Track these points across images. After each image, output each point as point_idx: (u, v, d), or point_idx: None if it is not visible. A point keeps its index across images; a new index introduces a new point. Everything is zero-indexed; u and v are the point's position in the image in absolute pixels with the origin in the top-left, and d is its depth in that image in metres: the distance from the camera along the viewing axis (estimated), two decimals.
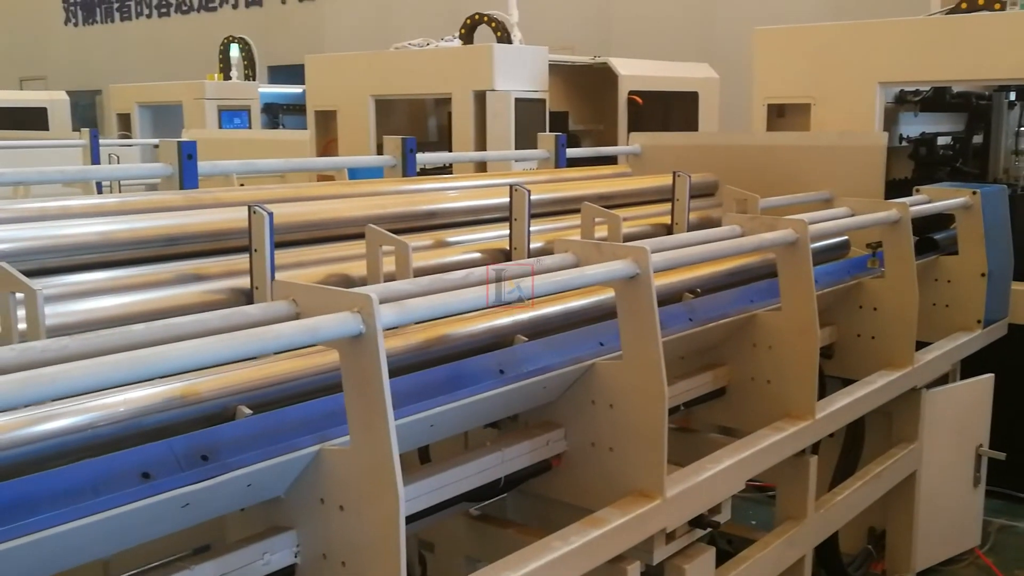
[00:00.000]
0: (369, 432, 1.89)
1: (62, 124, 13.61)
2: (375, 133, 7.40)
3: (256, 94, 10.37)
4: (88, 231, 2.66)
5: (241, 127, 10.08)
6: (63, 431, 1.92)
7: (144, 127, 10.70)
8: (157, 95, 10.86)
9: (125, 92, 11.10)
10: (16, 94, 15.74)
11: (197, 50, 16.60)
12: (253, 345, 1.78)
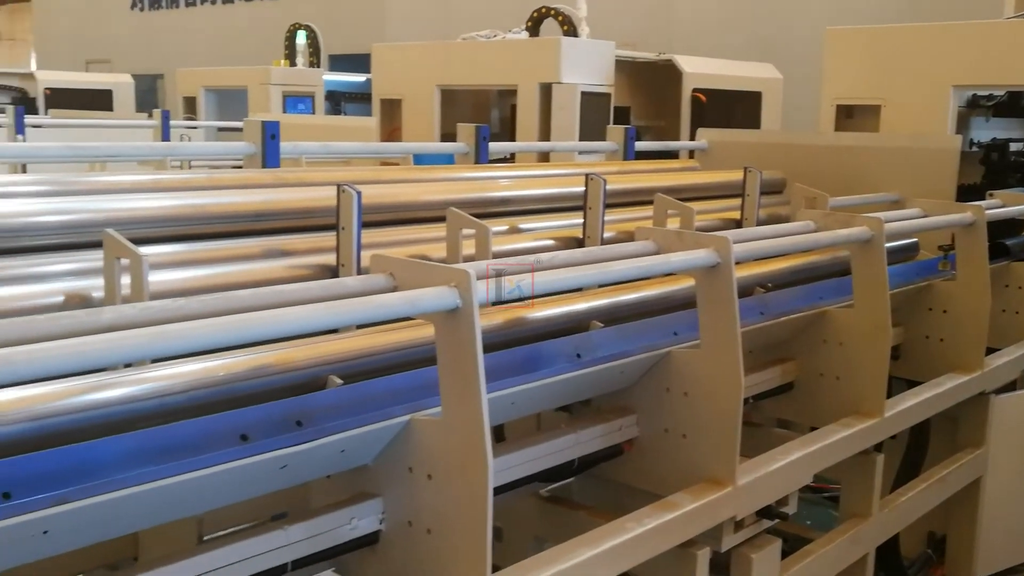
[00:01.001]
0: (461, 404, 1.94)
1: (126, 106, 13.90)
2: (439, 122, 7.47)
3: (320, 81, 10.51)
4: (184, 203, 2.75)
5: (305, 113, 10.22)
6: (166, 391, 2.01)
7: (208, 111, 10.89)
8: (224, 79, 11.05)
9: (192, 76, 11.30)
10: (83, 76, 16.07)
11: (259, 37, 16.84)
12: (357, 313, 1.85)
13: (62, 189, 2.76)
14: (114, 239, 2.20)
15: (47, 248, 2.57)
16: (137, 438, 1.83)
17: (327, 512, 2.08)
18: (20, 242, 2.54)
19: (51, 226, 2.57)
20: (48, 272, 2.46)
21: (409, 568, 2.11)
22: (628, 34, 11.57)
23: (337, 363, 2.31)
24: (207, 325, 1.58)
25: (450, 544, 2.02)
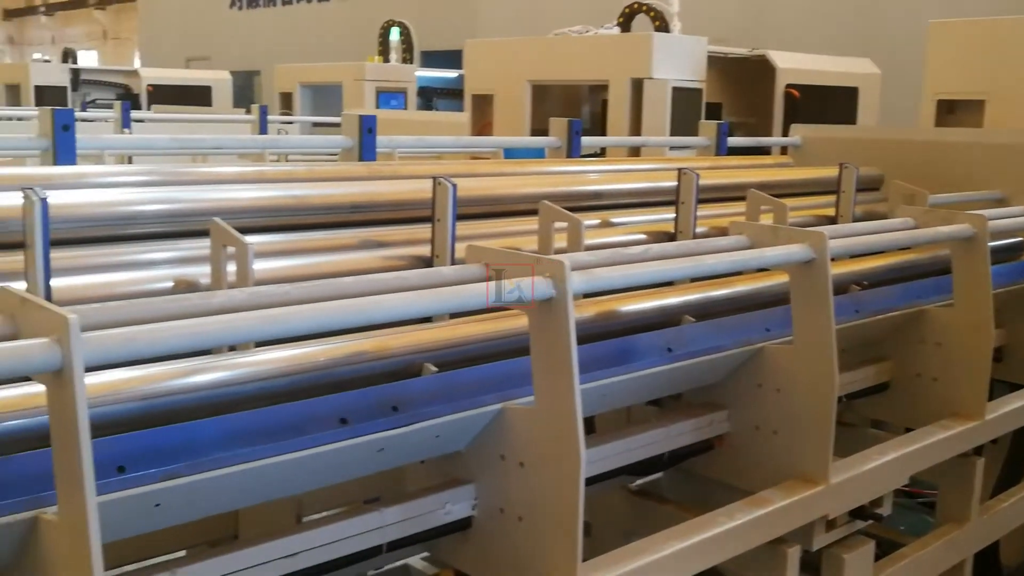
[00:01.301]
0: (554, 394, 1.97)
1: (224, 101, 14.30)
2: (530, 118, 7.50)
3: (413, 77, 10.65)
4: (286, 194, 2.83)
5: (397, 108, 10.37)
6: (269, 375, 2.08)
7: (304, 106, 11.12)
8: (319, 75, 11.28)
9: (289, 72, 11.56)
10: (184, 73, 16.57)
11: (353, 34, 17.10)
12: (453, 301, 1.89)
13: (170, 180, 2.87)
14: (221, 228, 2.28)
15: (156, 236, 2.67)
16: (242, 419, 1.90)
17: (421, 496, 2.13)
18: (130, 230, 2.64)
19: (160, 214, 2.67)
20: (157, 259, 2.55)
21: (500, 555, 2.15)
22: (720, 29, 11.45)
23: (431, 351, 2.36)
24: (313, 310, 1.64)
25: (541, 532, 2.04)
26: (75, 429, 1.33)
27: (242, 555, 1.84)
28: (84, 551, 1.35)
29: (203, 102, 14.02)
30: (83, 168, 2.90)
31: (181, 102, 12.63)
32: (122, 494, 1.56)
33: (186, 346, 1.50)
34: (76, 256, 2.44)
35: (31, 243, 2.06)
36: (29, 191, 2.04)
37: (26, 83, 14.09)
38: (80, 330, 1.33)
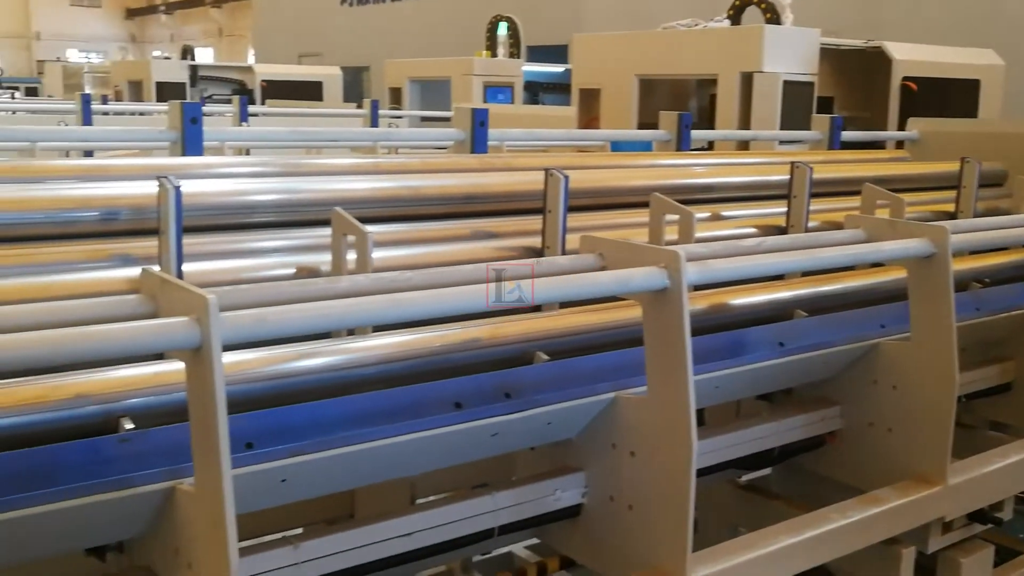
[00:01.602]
0: (667, 384, 1.97)
1: (334, 96, 14.61)
2: (637, 112, 7.47)
3: (520, 72, 10.71)
4: (401, 185, 2.89)
5: (504, 103, 10.45)
6: (387, 358, 2.14)
7: (412, 101, 11.29)
8: (428, 70, 11.44)
9: (399, 67, 11.75)
10: (296, 69, 16.99)
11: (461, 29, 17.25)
12: (568, 290, 1.91)
13: (290, 171, 2.97)
14: (342, 217, 2.35)
15: (277, 225, 2.76)
16: (362, 400, 1.96)
17: (532, 482, 2.16)
18: (253, 218, 2.74)
19: (281, 204, 2.76)
20: (280, 247, 2.64)
21: (610, 542, 2.16)
22: (834, 21, 11.18)
23: (543, 340, 2.38)
24: (434, 295, 1.68)
25: (651, 521, 2.05)
26: (213, 404, 1.40)
27: (360, 532, 1.90)
28: (220, 520, 1.42)
29: (314, 97, 14.34)
30: (209, 159, 3.02)
31: (293, 97, 12.95)
32: (251, 468, 1.64)
33: (315, 327, 1.56)
34: (203, 243, 2.54)
35: (165, 229, 2.16)
36: (164, 179, 2.14)
37: (148, 79, 14.67)
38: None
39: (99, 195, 2.41)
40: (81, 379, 1.82)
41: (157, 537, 1.64)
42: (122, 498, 1.58)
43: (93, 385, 1.81)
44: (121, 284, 2.20)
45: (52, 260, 2.21)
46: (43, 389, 1.78)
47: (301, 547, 1.81)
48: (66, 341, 1.32)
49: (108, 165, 2.76)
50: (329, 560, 1.85)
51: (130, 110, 10.70)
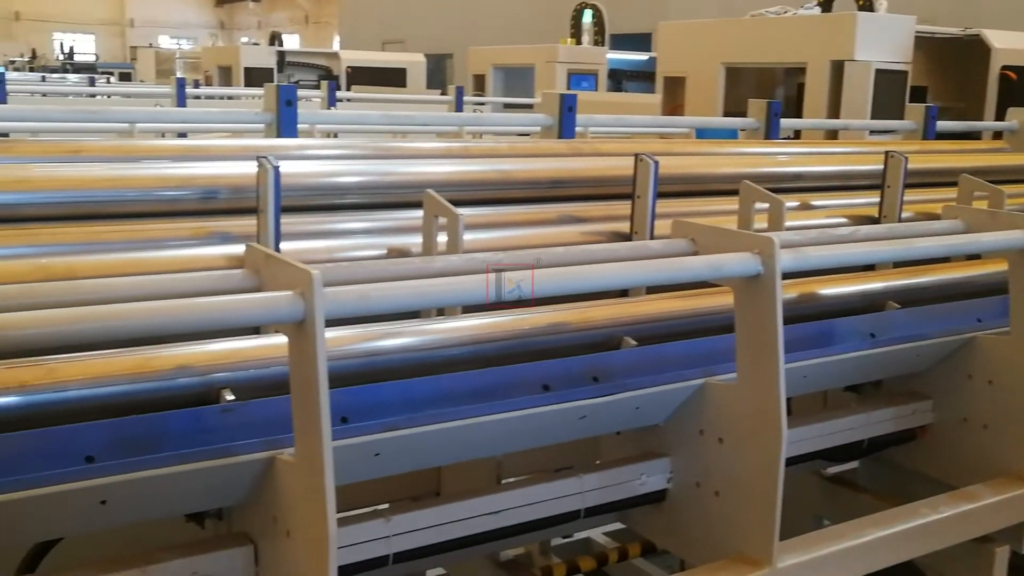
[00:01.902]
0: (758, 371, 1.96)
1: (417, 83, 14.73)
2: (723, 101, 7.39)
3: (604, 59, 10.67)
4: (492, 169, 2.91)
5: (588, 90, 10.42)
6: (478, 339, 2.16)
7: (495, 88, 11.33)
8: (512, 58, 11.46)
9: (483, 54, 11.80)
10: (381, 55, 17.17)
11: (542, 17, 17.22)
12: (661, 274, 1.91)
13: (381, 154, 3.01)
14: (434, 199, 2.38)
15: (368, 206, 2.81)
16: (453, 380, 1.99)
17: (619, 466, 2.17)
18: (346, 199, 2.80)
19: (373, 185, 2.80)
20: (371, 228, 2.68)
21: (695, 528, 2.16)
22: (929, 7, 10.88)
23: (631, 325, 2.38)
24: (528, 275, 1.70)
25: (738, 508, 2.04)
26: (314, 376, 1.44)
27: (450, 508, 1.93)
28: (319, 490, 1.46)
29: (398, 84, 14.50)
30: (304, 141, 3.08)
31: (377, 83, 13.12)
32: (348, 441, 1.67)
33: (413, 304, 1.59)
34: (297, 222, 2.59)
35: (264, 208, 2.22)
36: (263, 159, 2.20)
37: (237, 65, 14.99)
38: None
39: (200, 174, 2.49)
40: (183, 351, 1.89)
41: (256, 505, 1.69)
42: (223, 466, 1.63)
43: (195, 357, 1.87)
44: (220, 261, 2.26)
45: (156, 236, 2.28)
46: (147, 360, 1.85)
47: (393, 520, 1.85)
48: (178, 312, 1.37)
49: (208, 146, 2.84)
50: (419, 535, 1.89)
51: (220, 94, 10.95)
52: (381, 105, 8.20)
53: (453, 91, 7.45)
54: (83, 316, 1.28)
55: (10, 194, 2.28)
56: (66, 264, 2.12)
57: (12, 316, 1.23)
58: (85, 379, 1.72)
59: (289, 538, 1.59)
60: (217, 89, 12.06)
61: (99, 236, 2.28)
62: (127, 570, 1.62)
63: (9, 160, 2.48)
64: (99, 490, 1.55)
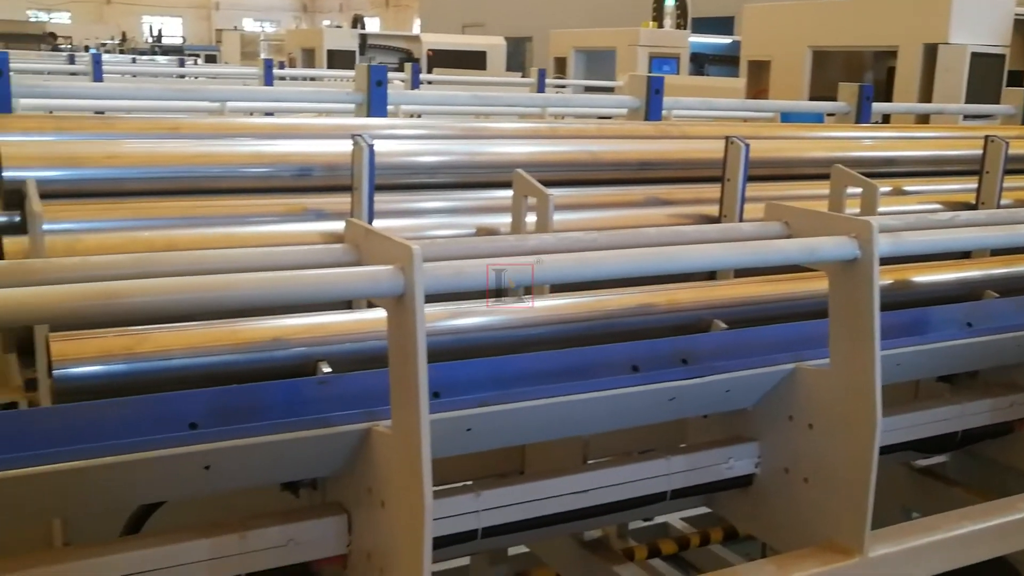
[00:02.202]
0: (852, 356, 1.93)
1: (497, 66, 14.74)
2: (808, 85, 7.25)
3: (686, 43, 10.55)
4: (580, 149, 2.91)
5: (670, 74, 10.32)
6: (565, 319, 2.17)
7: (576, 71, 11.29)
8: (594, 40, 11.40)
9: (564, 37, 11.76)
10: (461, 38, 17.22)
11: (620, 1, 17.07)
12: (754, 256, 1.89)
13: (469, 134, 3.03)
14: (524, 179, 2.39)
15: (455, 186, 2.83)
16: (543, 358, 2.00)
17: (706, 449, 2.16)
18: (435, 178, 2.82)
19: (461, 165, 2.83)
20: (459, 207, 2.71)
21: (782, 514, 2.14)
22: None
23: (720, 308, 2.37)
24: (623, 255, 1.70)
25: (828, 496, 2.02)
26: (413, 350, 1.46)
27: (539, 486, 1.95)
28: (416, 462, 1.48)
29: (478, 66, 14.54)
30: (394, 120, 3.12)
31: (457, 66, 13.17)
32: (443, 415, 1.70)
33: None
34: (388, 200, 2.63)
35: (358, 186, 2.25)
36: (359, 138, 2.23)
37: (320, 48, 15.18)
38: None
39: (295, 152, 2.53)
40: (281, 324, 1.93)
41: (351, 475, 1.72)
42: (321, 436, 1.66)
43: (293, 330, 1.91)
44: (314, 237, 2.31)
45: (252, 212, 2.34)
46: (247, 331, 1.90)
47: (482, 496, 1.87)
48: (285, 283, 1.40)
49: (301, 125, 2.89)
50: (507, 510, 1.91)
51: (303, 75, 11.11)
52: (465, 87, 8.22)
53: (534, 74, 7.45)
54: (196, 286, 1.32)
55: (114, 169, 2.35)
56: (167, 237, 2.19)
57: (129, 284, 1.27)
58: (188, 348, 1.77)
59: (384, 508, 1.62)
60: (301, 71, 12.24)
61: (197, 211, 2.34)
62: (227, 535, 1.67)
63: (112, 136, 2.56)
64: (202, 455, 1.60)
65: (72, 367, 1.76)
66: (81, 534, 1.88)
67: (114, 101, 4.13)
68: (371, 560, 1.69)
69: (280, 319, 1.95)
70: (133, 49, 25.97)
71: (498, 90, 8.18)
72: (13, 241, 1.97)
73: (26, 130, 2.38)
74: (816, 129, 3.97)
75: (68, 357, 1.75)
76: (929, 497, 2.72)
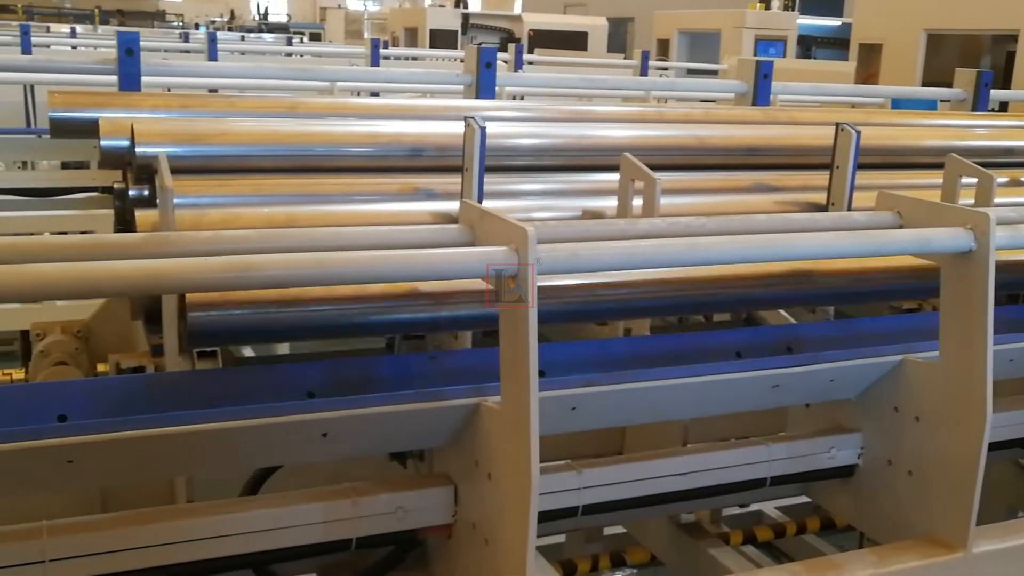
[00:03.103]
0: (963, 350, 1.91)
1: (599, 47, 14.67)
2: (922, 69, 7.05)
3: (794, 25, 10.35)
4: (688, 134, 2.91)
5: (776, 57, 10.13)
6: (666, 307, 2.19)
7: (680, 53, 11.17)
8: (698, 22, 11.27)
9: (668, 18, 11.65)
10: (563, 18, 17.17)
11: None
12: (865, 246, 1.89)
13: (577, 117, 3.06)
14: (631, 162, 2.40)
15: (563, 168, 2.86)
16: (646, 341, 2.03)
17: (809, 438, 2.16)
18: (542, 161, 2.86)
19: (569, 147, 2.85)
20: (565, 189, 2.74)
21: (883, 506, 2.13)
22: None
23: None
24: (733, 241, 1.71)
25: (933, 490, 2.00)
26: (525, 327, 1.50)
27: (640, 466, 1.98)
28: (524, 437, 1.53)
29: (579, 47, 14.49)
30: (503, 103, 3.16)
31: (558, 47, 13.15)
32: (550, 393, 1.74)
33: (621, 264, 1.63)
34: (497, 181, 2.67)
35: (469, 167, 2.30)
36: (471, 119, 2.27)
37: (423, 27, 15.33)
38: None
39: (408, 132, 2.59)
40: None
41: (458, 448, 1.77)
42: (431, 409, 1.72)
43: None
44: (426, 216, 2.37)
45: (368, 191, 2.41)
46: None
47: (584, 474, 1.91)
48: (406, 261, 1.46)
49: (413, 105, 2.96)
50: (609, 489, 1.94)
51: (407, 54, 11.25)
52: (567, 68, 8.23)
53: (636, 55, 7.40)
54: (325, 261, 1.39)
55: (236, 147, 2.44)
56: (287, 213, 2.27)
57: (262, 258, 1.34)
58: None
59: (490, 481, 1.67)
60: (405, 50, 12.38)
61: (315, 188, 2.42)
62: (340, 500, 1.75)
63: (233, 115, 2.66)
64: (320, 423, 1.67)
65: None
66: (203, 494, 1.98)
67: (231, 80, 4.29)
68: (476, 530, 1.75)
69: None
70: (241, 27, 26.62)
71: (601, 72, 8.16)
72: (144, 214, 2.08)
73: (155, 107, 2.49)
74: (929, 116, 3.88)
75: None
76: None
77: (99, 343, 2.53)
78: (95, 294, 1.90)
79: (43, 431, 1.54)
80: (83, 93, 2.76)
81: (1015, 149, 3.45)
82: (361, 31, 24.54)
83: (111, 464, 1.64)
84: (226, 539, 1.66)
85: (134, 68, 3.14)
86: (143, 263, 1.34)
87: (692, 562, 2.35)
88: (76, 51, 9.12)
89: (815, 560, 1.95)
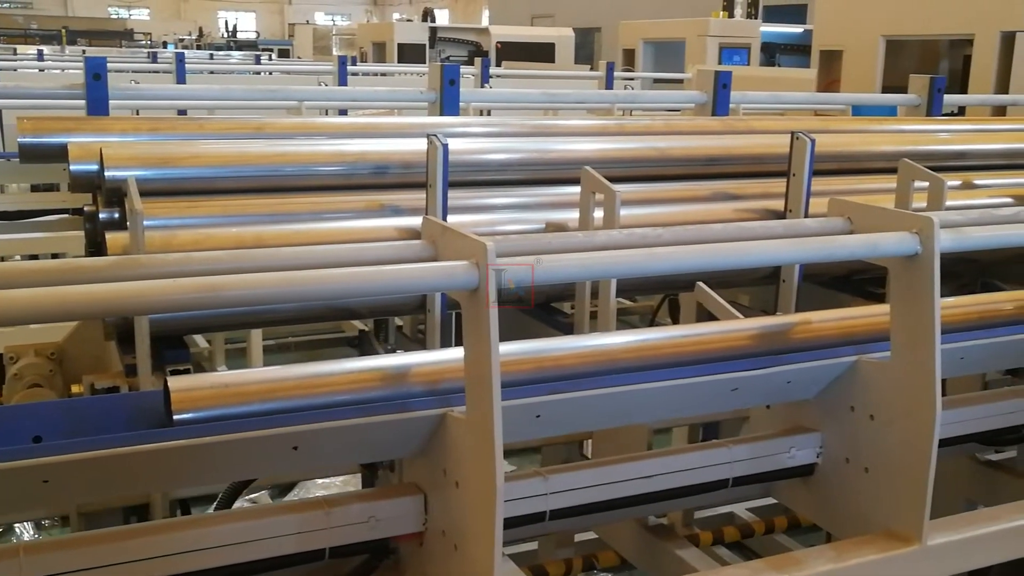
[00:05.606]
0: (913, 350, 1.97)
1: (566, 58, 14.79)
2: (881, 75, 7.18)
3: (757, 32, 10.48)
4: (648, 146, 2.98)
5: (740, 64, 10.27)
6: None
7: (645, 62, 11.29)
8: (663, 32, 11.39)
9: (633, 28, 11.76)
10: (530, 30, 17.28)
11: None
12: (816, 251, 1.95)
13: (540, 131, 3.12)
14: (591, 175, 2.47)
15: (523, 183, 2.92)
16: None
17: (769, 439, 2.22)
18: (504, 175, 2.92)
19: (529, 162, 2.92)
20: (527, 203, 2.80)
21: (842, 503, 2.19)
22: None
23: None
24: (687, 251, 1.77)
25: (889, 486, 2.07)
26: (487, 340, 1.55)
27: (605, 471, 2.03)
28: (488, 446, 1.58)
29: (546, 58, 14.61)
30: (467, 119, 3.23)
31: (525, 58, 13.25)
32: (514, 402, 1.79)
33: (579, 276, 1.69)
34: (459, 197, 2.73)
35: (432, 183, 2.36)
36: (434, 137, 2.33)
37: (391, 41, 15.38)
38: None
39: (373, 151, 2.65)
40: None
41: (427, 458, 1.82)
42: (398, 420, 1.77)
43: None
44: (391, 232, 2.43)
45: (334, 208, 2.46)
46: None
47: (550, 479, 1.96)
48: (368, 278, 1.51)
49: (378, 123, 3.01)
50: (575, 494, 1.99)
51: (375, 71, 11.29)
52: (533, 82, 8.31)
53: (602, 66, 7.49)
54: (289, 280, 1.43)
55: (205, 169, 2.49)
56: (254, 233, 2.32)
57: (229, 279, 1.39)
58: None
59: (458, 489, 1.72)
60: (373, 66, 12.44)
61: (282, 207, 2.48)
62: (313, 511, 1.79)
63: (202, 136, 2.71)
64: (290, 437, 1.71)
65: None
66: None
67: (198, 101, 4.33)
68: (446, 537, 1.80)
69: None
70: (209, 44, 26.56)
71: (566, 84, 8.24)
72: (115, 236, 2.12)
73: (124, 131, 2.53)
74: (884, 122, 3.97)
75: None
76: (994, 490, 2.74)
77: (73, 365, 2.56)
78: (69, 318, 1.92)
79: (19, 452, 1.57)
80: (52, 119, 2.80)
81: (967, 153, 3.55)
82: (330, 47, 24.56)
83: (86, 483, 1.68)
84: (202, 553, 1.70)
85: (102, 92, 3.17)
86: (114, 286, 1.39)
87: (660, 564, 2.41)
88: (44, 74, 9.11)
89: (777, 557, 2.01)
